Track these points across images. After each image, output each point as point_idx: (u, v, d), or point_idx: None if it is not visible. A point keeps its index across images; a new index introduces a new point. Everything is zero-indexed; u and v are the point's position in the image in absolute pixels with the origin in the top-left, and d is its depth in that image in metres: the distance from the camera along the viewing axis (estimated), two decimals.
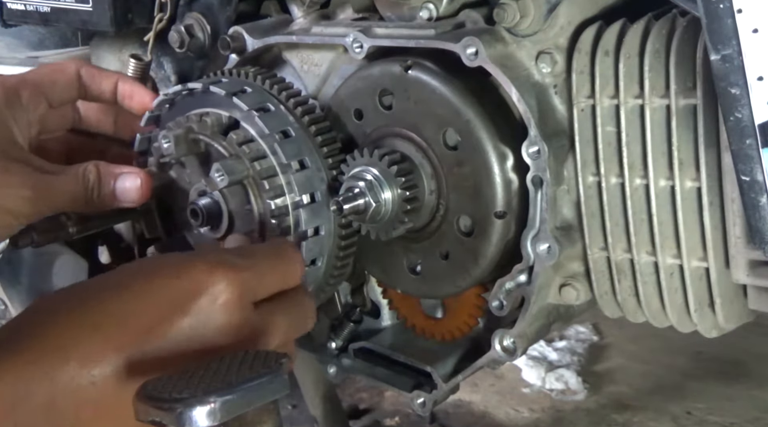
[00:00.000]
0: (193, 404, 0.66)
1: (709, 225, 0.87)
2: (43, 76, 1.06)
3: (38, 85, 1.04)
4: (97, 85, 1.08)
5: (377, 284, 1.17)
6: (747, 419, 2.10)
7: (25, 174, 0.97)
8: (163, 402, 0.67)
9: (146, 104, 1.08)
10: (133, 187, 1.02)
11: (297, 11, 1.10)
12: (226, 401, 0.67)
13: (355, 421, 2.18)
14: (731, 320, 0.92)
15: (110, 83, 1.09)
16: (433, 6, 0.98)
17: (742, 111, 0.75)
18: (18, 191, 0.95)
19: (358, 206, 0.96)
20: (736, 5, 0.72)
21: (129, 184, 1.02)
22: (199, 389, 0.68)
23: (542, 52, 0.93)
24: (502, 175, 0.94)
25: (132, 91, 1.09)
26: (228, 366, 0.71)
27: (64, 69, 1.07)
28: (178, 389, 0.67)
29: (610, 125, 0.90)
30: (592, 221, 0.93)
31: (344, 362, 1.17)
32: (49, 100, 1.05)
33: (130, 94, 1.09)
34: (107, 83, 1.09)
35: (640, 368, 2.36)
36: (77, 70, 1.07)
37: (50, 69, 1.07)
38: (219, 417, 0.67)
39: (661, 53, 0.87)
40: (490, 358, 1.01)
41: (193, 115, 1.01)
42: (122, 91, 1.09)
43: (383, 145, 1.01)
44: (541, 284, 0.95)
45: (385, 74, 1.00)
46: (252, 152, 0.97)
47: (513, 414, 2.22)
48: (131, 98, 1.09)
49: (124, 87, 1.09)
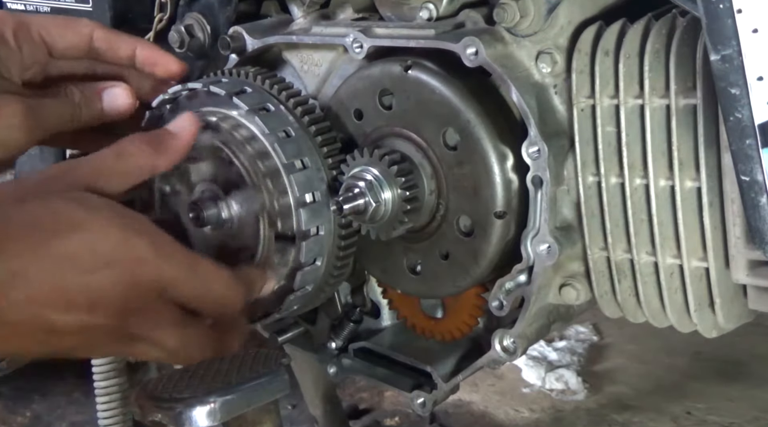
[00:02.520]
0: (193, 404, 0.66)
1: (709, 225, 0.87)
2: (52, 27, 1.02)
3: (43, 33, 1.01)
4: (113, 51, 1.04)
5: (377, 284, 1.17)
6: (747, 419, 2.10)
7: (11, 103, 0.94)
8: (163, 402, 0.67)
9: (171, 70, 1.05)
10: (120, 97, 1.00)
11: (297, 11, 1.10)
12: (226, 401, 0.67)
13: (355, 421, 2.18)
14: (731, 320, 0.92)
15: (128, 49, 1.05)
16: (433, 6, 0.98)
17: (742, 111, 0.75)
18: (5, 121, 0.93)
19: (358, 206, 0.96)
20: (736, 5, 0.72)
21: (115, 94, 1.00)
22: (199, 389, 0.68)
23: (542, 52, 0.93)
24: (502, 175, 0.94)
25: (154, 57, 1.05)
26: (228, 366, 0.71)
27: (77, 28, 1.03)
28: (178, 389, 0.67)
29: (610, 125, 0.90)
30: (592, 221, 0.93)
31: (344, 362, 1.17)
32: (52, 50, 1.02)
33: (152, 61, 1.05)
34: (125, 49, 1.05)
35: (640, 368, 2.36)
36: (90, 33, 1.03)
37: (63, 22, 1.03)
38: (219, 417, 0.67)
39: (661, 53, 0.87)
40: (490, 358, 1.01)
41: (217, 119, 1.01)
42: (143, 59, 1.05)
43: (383, 145, 1.01)
44: (541, 284, 0.95)
45: (385, 74, 1.00)
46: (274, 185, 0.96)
47: (513, 414, 2.22)
48: (154, 65, 1.05)
49: (144, 54, 1.05)
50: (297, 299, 1.02)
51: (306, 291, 1.01)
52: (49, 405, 2.38)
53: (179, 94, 1.05)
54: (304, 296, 1.03)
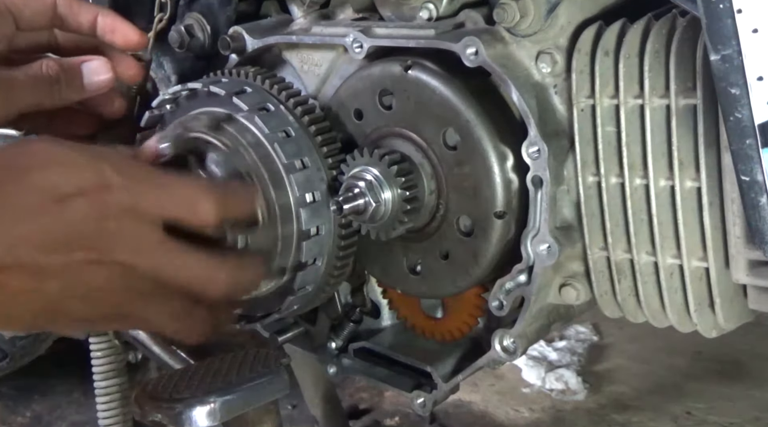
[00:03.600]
0: (193, 404, 0.66)
1: (709, 225, 0.87)
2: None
3: (6, 5, 0.99)
4: (75, 17, 1.03)
5: (377, 284, 1.17)
6: (747, 419, 2.10)
7: None
8: (163, 402, 0.67)
9: (130, 39, 1.04)
10: (99, 70, 0.99)
11: (297, 11, 1.10)
12: (226, 401, 0.67)
13: (355, 421, 2.18)
14: (731, 320, 0.92)
15: (89, 16, 1.04)
16: (433, 6, 0.98)
17: (742, 111, 0.75)
18: None
19: (358, 206, 0.96)
20: (736, 5, 0.72)
21: (94, 68, 0.99)
22: (199, 389, 0.68)
23: (542, 52, 0.93)
24: (502, 175, 0.94)
25: (114, 25, 1.04)
26: (228, 366, 0.71)
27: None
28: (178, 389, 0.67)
29: (610, 125, 0.90)
30: (592, 221, 0.93)
31: (344, 362, 1.17)
32: (17, 22, 1.00)
33: (111, 28, 1.04)
34: (86, 16, 1.04)
35: (640, 368, 2.36)
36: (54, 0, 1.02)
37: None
38: (219, 417, 0.67)
39: (661, 53, 0.87)
40: (490, 358, 1.01)
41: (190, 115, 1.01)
42: (103, 25, 1.04)
43: (383, 145, 1.01)
44: (541, 284, 0.95)
45: (385, 74, 1.00)
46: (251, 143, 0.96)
47: (513, 414, 2.22)
48: (113, 32, 1.04)
49: (104, 21, 1.04)
50: (297, 299, 1.02)
51: (306, 291, 1.01)
52: (49, 405, 2.38)
53: (179, 94, 1.05)
54: (305, 296, 1.03)
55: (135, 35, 1.05)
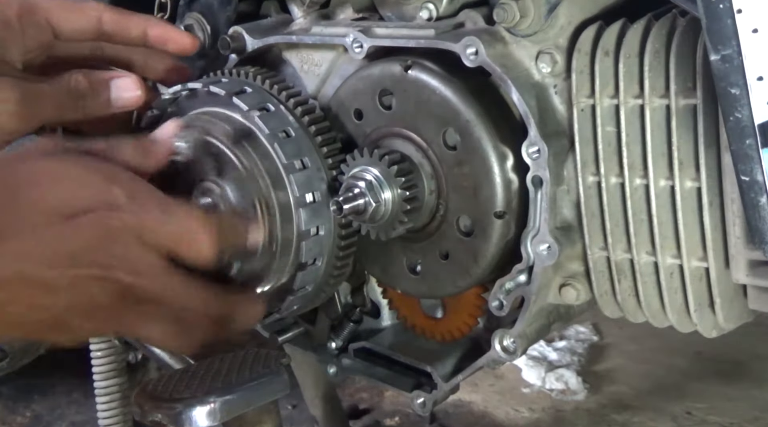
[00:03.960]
0: (193, 404, 0.66)
1: (709, 225, 0.87)
2: (58, 10, 1.00)
3: (48, 15, 0.99)
4: (124, 33, 1.03)
5: (377, 284, 1.17)
6: (747, 419, 2.10)
7: (5, 88, 0.93)
8: (163, 402, 0.67)
9: (185, 44, 1.05)
10: (128, 87, 0.99)
11: (297, 11, 1.10)
12: (226, 401, 0.67)
13: (355, 421, 2.18)
14: (731, 320, 0.92)
15: (138, 30, 1.03)
16: (433, 6, 0.98)
17: (742, 111, 0.75)
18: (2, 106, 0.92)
19: (358, 206, 0.96)
20: (736, 5, 0.72)
21: (123, 85, 0.98)
22: (199, 389, 0.68)
23: (542, 52, 0.93)
24: (502, 175, 0.94)
25: (165, 36, 1.04)
26: (228, 366, 0.71)
27: (85, 11, 1.01)
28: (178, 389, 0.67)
29: (610, 125, 0.90)
30: (592, 221, 0.93)
31: (344, 362, 1.17)
32: (57, 32, 1.00)
33: (164, 38, 1.04)
34: (135, 30, 1.03)
35: (640, 368, 2.36)
36: (99, 16, 1.02)
37: (69, 5, 1.01)
38: (219, 417, 0.67)
39: (661, 53, 0.87)
40: (490, 358, 1.01)
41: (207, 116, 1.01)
42: (155, 37, 1.04)
43: (383, 145, 1.01)
44: (541, 284, 0.95)
45: (385, 74, 1.00)
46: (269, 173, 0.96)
47: (513, 414, 2.22)
48: (167, 42, 1.04)
49: (155, 32, 1.04)
50: (297, 299, 1.02)
51: (306, 291, 1.02)
52: (49, 405, 2.38)
53: (179, 94, 1.05)
54: (304, 296, 1.03)
55: (188, 40, 1.05)
